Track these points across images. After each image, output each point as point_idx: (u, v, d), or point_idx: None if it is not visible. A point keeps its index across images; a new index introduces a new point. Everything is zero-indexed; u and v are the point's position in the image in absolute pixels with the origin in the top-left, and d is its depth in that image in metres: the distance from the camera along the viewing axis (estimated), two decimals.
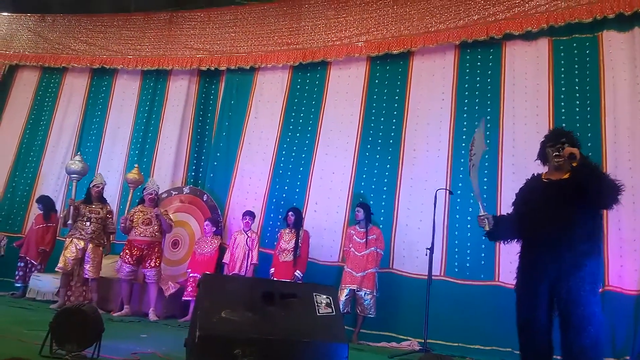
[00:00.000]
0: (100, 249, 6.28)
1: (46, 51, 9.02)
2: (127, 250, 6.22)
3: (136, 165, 7.04)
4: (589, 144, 5.57)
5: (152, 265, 6.21)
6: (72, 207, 6.18)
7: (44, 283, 6.82)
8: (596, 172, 3.06)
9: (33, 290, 6.83)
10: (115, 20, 8.87)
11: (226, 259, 6.59)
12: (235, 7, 8.27)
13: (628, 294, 5.15)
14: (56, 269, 6.25)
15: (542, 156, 3.36)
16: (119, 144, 8.36)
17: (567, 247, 3.00)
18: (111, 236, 6.55)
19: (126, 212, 6.34)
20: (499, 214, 4.31)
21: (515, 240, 3.36)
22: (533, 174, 3.42)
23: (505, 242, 3.45)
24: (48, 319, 2.88)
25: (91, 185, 6.43)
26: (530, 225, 3.20)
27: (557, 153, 3.19)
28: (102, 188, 6.50)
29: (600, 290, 3.15)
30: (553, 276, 3.03)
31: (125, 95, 8.65)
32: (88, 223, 6.19)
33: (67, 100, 8.87)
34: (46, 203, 7.44)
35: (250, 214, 6.71)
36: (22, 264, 7.22)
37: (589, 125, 5.78)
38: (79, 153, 6.86)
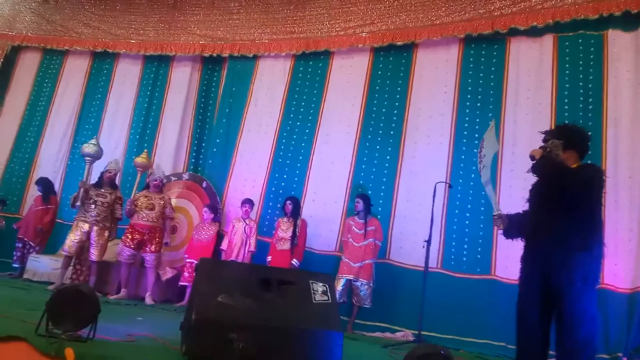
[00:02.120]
0: (106, 232, 6.29)
1: (49, 33, 8.99)
2: (128, 234, 6.24)
3: (145, 150, 7.05)
4: (588, 144, 5.55)
5: (152, 250, 6.23)
6: (82, 189, 6.18)
7: (42, 264, 6.85)
8: (556, 168, 3.12)
9: (30, 271, 6.85)
10: (119, 4, 8.82)
11: (224, 245, 6.60)
12: None
13: (622, 292, 5.18)
14: (61, 251, 6.27)
15: None
16: (118, 129, 8.35)
17: (556, 241, 3.02)
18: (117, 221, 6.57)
19: (132, 195, 6.35)
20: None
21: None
22: None
23: (522, 239, 3.45)
24: (45, 299, 2.89)
25: (104, 170, 6.44)
26: (529, 221, 3.24)
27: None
28: (115, 174, 6.48)
29: (597, 286, 3.13)
30: (546, 272, 3.05)
31: (126, 79, 8.62)
32: (93, 206, 6.20)
33: (67, 82, 8.86)
34: (45, 185, 7.46)
35: (249, 202, 6.72)
36: (20, 245, 7.25)
37: (590, 123, 5.74)
38: (95, 137, 6.86)
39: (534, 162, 3.20)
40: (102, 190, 6.30)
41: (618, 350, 4.94)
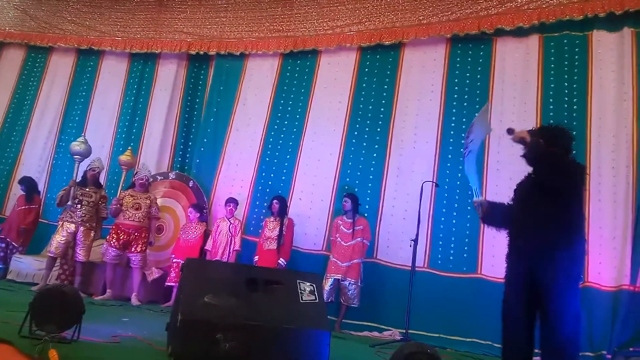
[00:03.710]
0: (92, 232, 6.21)
1: (32, 30, 8.85)
2: (113, 234, 6.17)
3: (129, 148, 6.98)
4: (573, 142, 5.61)
5: (138, 250, 6.17)
6: (72, 187, 6.10)
7: (25, 265, 6.75)
8: (541, 154, 3.11)
9: (14, 271, 6.75)
10: (104, 0, 8.71)
11: (208, 245, 6.55)
12: None
13: (606, 290, 5.24)
14: (47, 253, 6.19)
15: None
16: (103, 127, 8.24)
17: (539, 238, 3.04)
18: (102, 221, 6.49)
19: (118, 194, 6.28)
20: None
21: (504, 229, 3.40)
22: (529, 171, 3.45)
23: (497, 229, 3.47)
24: (28, 300, 2.85)
25: (88, 168, 6.35)
26: (513, 218, 3.26)
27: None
28: (99, 172, 6.41)
29: (580, 284, 3.16)
30: (530, 268, 3.07)
31: (111, 77, 8.52)
32: (79, 206, 6.12)
33: (52, 80, 8.73)
34: (28, 184, 7.33)
35: (233, 201, 6.70)
36: (3, 245, 7.13)
37: (575, 123, 5.82)
38: (83, 134, 6.77)
39: (527, 144, 3.17)
40: (87, 190, 6.23)
41: (602, 348, 5.00)
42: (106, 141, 8.13)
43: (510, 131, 3.26)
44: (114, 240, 6.13)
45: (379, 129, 6.83)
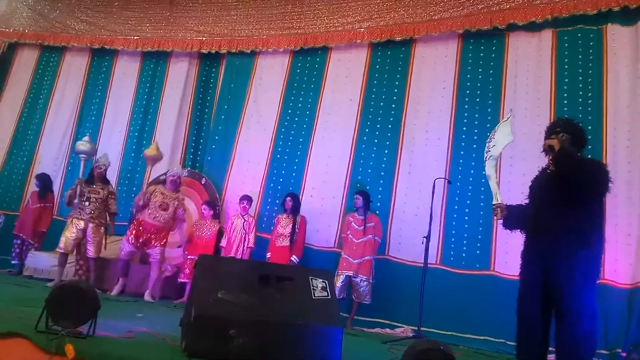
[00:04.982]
0: (102, 229, 6.25)
1: (46, 30, 8.95)
2: (133, 231, 6.16)
3: (155, 141, 7.02)
4: (589, 137, 5.53)
5: (157, 244, 6.16)
6: (79, 186, 6.15)
7: (40, 261, 6.84)
8: (575, 165, 3.04)
9: (30, 268, 6.85)
10: (116, 0, 8.78)
11: (223, 242, 6.60)
12: None
13: (622, 287, 5.18)
14: (57, 250, 6.26)
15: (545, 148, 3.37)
16: (117, 126, 8.33)
17: (557, 237, 3.02)
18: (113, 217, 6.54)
19: (145, 187, 6.30)
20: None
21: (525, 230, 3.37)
22: (542, 166, 3.42)
23: (522, 231, 3.41)
24: (44, 296, 2.88)
25: (94, 165, 6.40)
26: (530, 215, 3.23)
27: None
28: (105, 169, 6.41)
29: (597, 282, 3.13)
30: (546, 266, 3.05)
31: (125, 77, 8.60)
32: (87, 203, 6.15)
33: (66, 79, 8.82)
34: (44, 181, 7.41)
35: (247, 198, 6.72)
36: (19, 242, 7.22)
37: (589, 118, 5.76)
38: (88, 133, 6.86)
39: (555, 153, 3.10)
40: (95, 186, 6.26)
41: (617, 346, 4.94)
42: (120, 139, 8.20)
43: (551, 148, 3.15)
44: (132, 237, 6.12)
45: (390, 126, 6.81)
